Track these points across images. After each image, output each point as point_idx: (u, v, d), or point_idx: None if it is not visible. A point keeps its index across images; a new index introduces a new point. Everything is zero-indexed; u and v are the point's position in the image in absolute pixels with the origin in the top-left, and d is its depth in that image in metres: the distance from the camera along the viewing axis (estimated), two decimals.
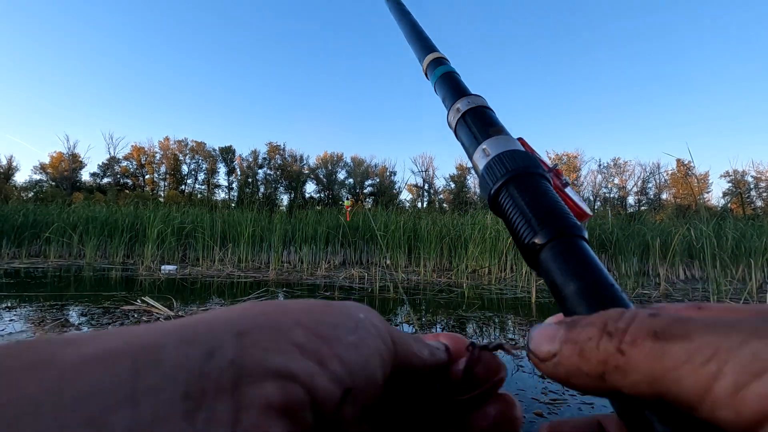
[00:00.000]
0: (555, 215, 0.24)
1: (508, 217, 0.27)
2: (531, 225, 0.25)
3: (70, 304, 3.15)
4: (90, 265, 6.97)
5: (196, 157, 39.64)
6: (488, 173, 0.29)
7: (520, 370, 1.79)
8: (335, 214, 9.30)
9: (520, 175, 0.27)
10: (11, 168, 35.23)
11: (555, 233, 0.24)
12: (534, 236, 0.24)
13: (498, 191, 0.28)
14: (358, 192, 39.80)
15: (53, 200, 14.00)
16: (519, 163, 0.28)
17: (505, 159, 0.29)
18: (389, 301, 3.82)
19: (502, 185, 0.28)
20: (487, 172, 0.29)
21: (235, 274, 5.95)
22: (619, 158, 36.35)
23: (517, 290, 4.86)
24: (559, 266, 0.23)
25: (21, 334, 2.18)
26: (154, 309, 2.88)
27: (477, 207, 11.15)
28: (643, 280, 6.26)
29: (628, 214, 14.88)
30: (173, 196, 34.12)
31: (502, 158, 0.29)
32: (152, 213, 8.28)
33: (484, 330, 2.64)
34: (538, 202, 0.25)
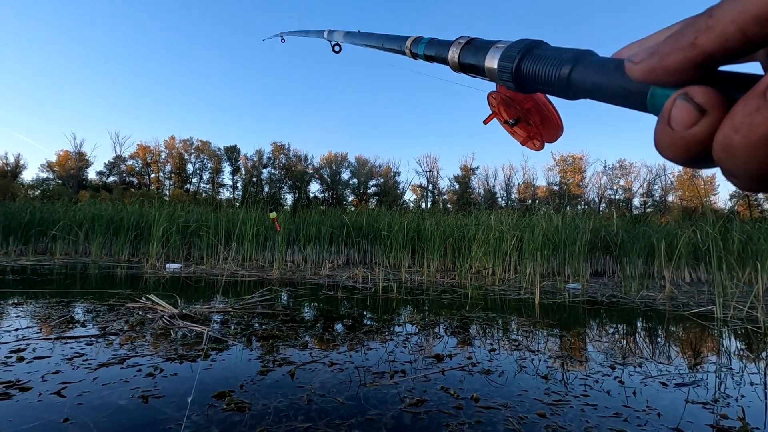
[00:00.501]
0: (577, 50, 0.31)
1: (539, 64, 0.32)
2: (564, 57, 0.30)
3: (76, 301, 3.17)
4: (95, 263, 7.02)
5: (201, 156, 39.82)
6: (511, 48, 0.35)
7: (523, 371, 1.78)
8: (339, 213, 9.30)
9: (537, 42, 0.34)
10: (19, 166, 35.55)
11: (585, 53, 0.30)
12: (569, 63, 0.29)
13: (523, 56, 0.33)
14: (362, 192, 39.81)
15: (60, 198, 14.12)
16: (532, 40, 0.35)
17: (520, 41, 0.35)
18: (392, 301, 3.82)
19: (526, 52, 0.33)
20: (509, 49, 0.35)
21: (239, 273, 5.97)
22: (625, 160, 36.12)
23: (520, 291, 4.84)
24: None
25: (27, 329, 2.20)
26: (159, 306, 2.90)
27: (481, 208, 11.12)
28: (648, 282, 6.22)
29: (633, 216, 14.79)
30: (178, 194, 34.27)
31: (518, 41, 0.35)
32: (157, 211, 8.32)
33: (487, 331, 2.63)
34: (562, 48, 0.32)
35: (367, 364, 1.78)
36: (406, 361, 1.86)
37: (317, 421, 1.21)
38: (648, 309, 3.81)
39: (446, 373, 1.70)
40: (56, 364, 1.64)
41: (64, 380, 1.46)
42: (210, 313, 2.89)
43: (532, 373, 1.75)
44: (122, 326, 2.35)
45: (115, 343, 1.98)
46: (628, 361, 2.00)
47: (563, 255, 6.98)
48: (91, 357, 1.75)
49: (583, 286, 5.59)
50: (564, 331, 2.73)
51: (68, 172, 35.68)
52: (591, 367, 1.87)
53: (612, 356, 2.08)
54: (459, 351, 2.07)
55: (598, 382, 1.65)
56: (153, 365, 1.65)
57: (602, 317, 3.36)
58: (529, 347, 2.20)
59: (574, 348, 2.27)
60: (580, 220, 7.42)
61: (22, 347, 1.85)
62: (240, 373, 1.61)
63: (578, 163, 35.85)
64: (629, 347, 2.33)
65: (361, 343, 2.15)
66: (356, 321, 2.81)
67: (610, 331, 2.80)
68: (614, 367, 1.87)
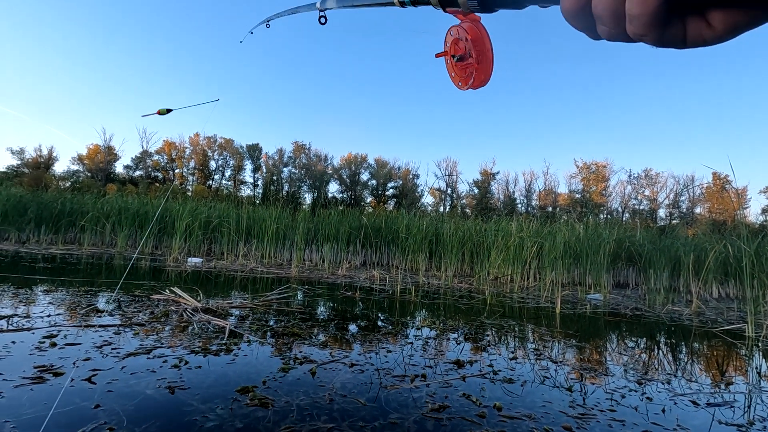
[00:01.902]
0: None
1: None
2: None
3: (103, 291, 3.26)
4: (121, 254, 7.22)
5: (224, 153, 40.56)
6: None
7: (546, 381, 1.74)
8: (357, 214, 9.33)
9: None
10: (51, 158, 36.89)
11: None
12: None
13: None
14: (380, 193, 39.85)
15: (89, 190, 14.58)
16: None
17: None
18: (410, 304, 3.80)
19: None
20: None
21: (258, 270, 6.05)
22: (651, 169, 35.11)
23: (540, 300, 4.75)
24: None
25: (58, 316, 2.27)
26: (182, 299, 2.96)
27: (501, 213, 10.98)
28: (674, 296, 6.03)
29: (658, 227, 14.37)
30: (200, 190, 34.99)
31: None
32: (181, 206, 8.50)
33: (506, 339, 2.59)
34: None
35: (386, 367, 1.78)
36: (425, 365, 1.84)
37: (340, 422, 1.21)
38: (674, 324, 3.69)
39: (467, 379, 1.68)
40: (86, 351, 1.69)
41: (94, 367, 1.50)
42: (231, 308, 2.93)
43: (555, 384, 1.72)
44: (147, 317, 2.41)
45: (141, 333, 2.03)
46: (654, 377, 1.94)
47: (585, 265, 6.83)
48: (118, 346, 1.79)
49: (605, 298, 5.45)
50: (586, 342, 2.67)
51: (97, 166, 36.85)
52: (616, 381, 1.82)
53: (637, 371, 2.02)
54: (479, 358, 2.05)
55: (624, 397, 1.61)
56: (178, 357, 1.69)
57: (626, 330, 3.27)
58: (551, 357, 2.16)
59: (598, 360, 2.21)
60: (603, 230, 7.25)
61: (54, 333, 1.91)
62: (262, 369, 1.62)
63: (602, 171, 35.05)
64: (655, 362, 2.26)
65: (380, 345, 2.15)
66: (374, 322, 2.81)
67: (635, 345, 2.72)
68: (641, 383, 1.81)
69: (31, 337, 1.83)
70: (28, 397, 1.23)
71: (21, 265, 4.65)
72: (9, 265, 4.60)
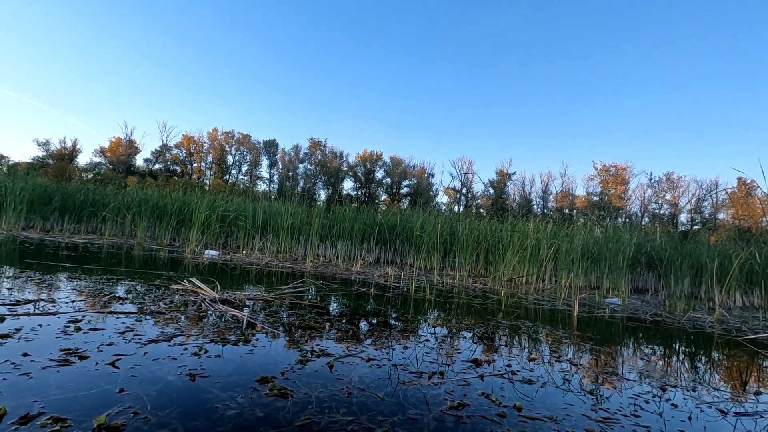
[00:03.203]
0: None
1: None
2: None
3: (123, 279, 3.33)
4: (140, 245, 7.37)
5: (241, 148, 41.06)
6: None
7: (566, 383, 1.71)
8: (372, 212, 9.33)
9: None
10: (75, 150, 37.88)
11: None
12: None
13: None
14: (395, 191, 39.82)
15: (110, 182, 14.93)
16: None
17: None
18: (425, 302, 3.78)
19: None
20: None
21: (273, 264, 6.10)
22: (673, 173, 34.29)
23: (556, 302, 4.68)
24: None
25: (82, 302, 2.32)
26: (201, 290, 3.00)
27: (516, 215, 10.87)
28: (695, 304, 5.87)
29: (680, 232, 14.02)
30: (217, 185, 35.50)
31: None
32: (199, 199, 8.64)
33: (524, 340, 2.56)
34: None
35: (404, 363, 1.77)
36: (443, 363, 1.83)
37: (359, 416, 1.20)
38: (696, 331, 3.59)
39: (486, 379, 1.66)
40: (110, 336, 1.72)
41: (117, 352, 1.53)
42: (248, 300, 2.96)
43: (576, 387, 1.68)
44: (167, 306, 2.45)
45: (161, 321, 2.06)
46: (678, 384, 1.88)
47: (603, 268, 6.70)
48: (141, 333, 1.82)
49: (624, 302, 5.34)
50: (605, 346, 2.61)
51: (118, 158, 37.71)
52: (638, 387, 1.77)
53: (660, 377, 1.97)
54: (496, 357, 2.02)
55: (648, 403, 1.56)
56: (198, 345, 1.71)
57: (646, 336, 3.20)
58: (571, 360, 2.12)
59: (618, 365, 2.16)
60: (623, 233, 7.09)
61: (78, 318, 1.95)
62: (280, 361, 1.63)
63: (621, 174, 34.36)
64: (678, 369, 2.20)
65: (396, 341, 2.14)
66: (389, 319, 2.80)
67: (656, 351, 2.66)
68: (665, 389, 1.77)
69: (56, 321, 1.88)
70: (55, 378, 1.26)
71: (45, 253, 4.78)
72: (34, 253, 4.73)
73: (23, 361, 1.36)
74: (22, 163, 35.31)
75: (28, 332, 1.67)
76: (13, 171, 25.65)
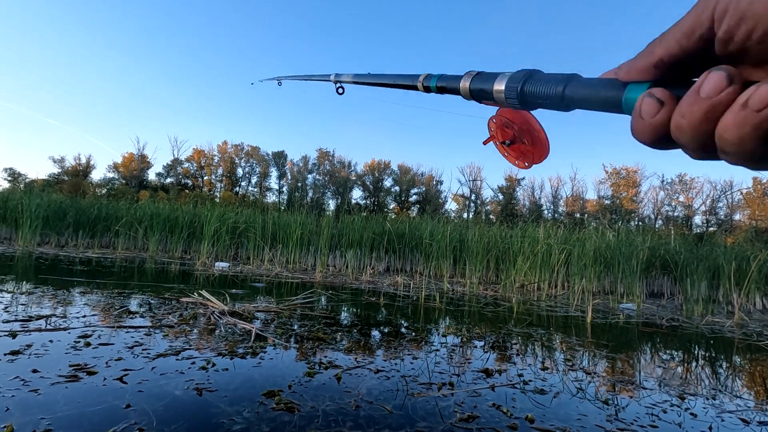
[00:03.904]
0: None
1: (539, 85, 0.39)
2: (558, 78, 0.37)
3: (135, 293, 3.36)
4: (152, 258, 7.45)
5: (250, 160, 41.53)
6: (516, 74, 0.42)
7: (580, 393, 1.67)
8: (381, 220, 9.32)
9: (536, 70, 0.41)
10: (89, 166, 38.70)
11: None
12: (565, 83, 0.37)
13: (526, 79, 0.40)
14: (403, 200, 39.83)
15: (123, 197, 15.17)
16: (531, 69, 0.42)
17: (522, 70, 0.42)
18: (435, 311, 3.75)
19: (528, 76, 0.40)
20: (514, 75, 0.42)
21: (283, 275, 6.11)
22: (686, 175, 33.73)
23: (569, 308, 4.60)
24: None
25: (93, 317, 2.34)
26: (210, 303, 3.01)
27: (527, 220, 10.74)
28: (713, 307, 5.73)
29: (696, 234, 13.72)
30: (228, 197, 35.87)
31: (520, 70, 0.42)
32: (210, 212, 8.72)
33: (536, 348, 2.51)
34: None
35: (413, 374, 1.74)
36: (452, 373, 1.80)
37: (366, 429, 1.18)
38: (714, 336, 3.49)
39: (496, 389, 1.63)
40: (118, 351, 1.73)
41: (125, 367, 1.53)
42: (257, 312, 2.96)
43: (591, 396, 1.64)
44: (176, 319, 2.45)
45: (170, 335, 2.07)
46: (697, 392, 1.82)
47: (617, 273, 6.58)
48: (149, 347, 1.83)
49: (639, 307, 5.23)
50: (621, 353, 2.55)
51: (131, 173, 38.39)
52: (655, 396, 1.72)
53: (678, 385, 1.91)
54: (508, 367, 1.98)
55: (666, 413, 1.51)
56: (205, 359, 1.70)
57: (662, 342, 3.12)
58: (584, 368, 2.07)
59: (634, 373, 2.10)
60: (636, 236, 6.97)
61: (88, 333, 1.97)
62: (287, 373, 1.61)
63: (632, 176, 33.93)
64: (696, 376, 2.13)
65: (406, 352, 2.11)
66: (399, 329, 2.78)
67: (673, 357, 2.59)
68: (683, 398, 1.71)
69: (67, 336, 1.89)
70: (63, 394, 1.26)
71: (60, 268, 4.86)
72: (49, 268, 4.81)
73: (32, 377, 1.37)
74: (39, 180, 36.16)
75: (38, 348, 1.68)
76: (29, 188, 26.28)
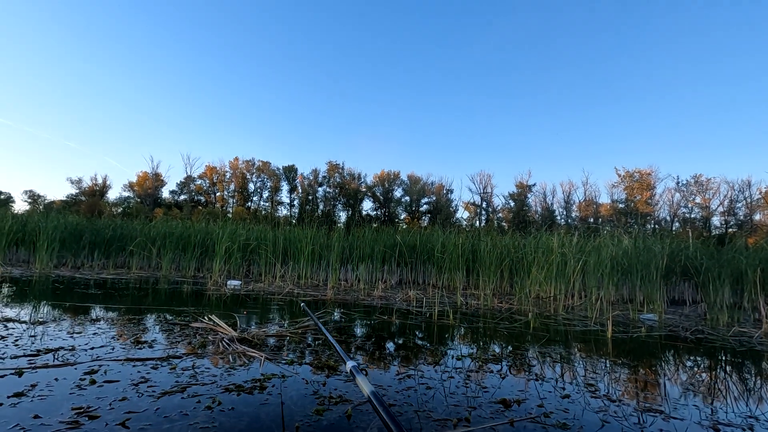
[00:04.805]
0: None
1: None
2: None
3: (146, 320, 3.34)
4: (165, 278, 7.48)
5: (261, 175, 41.97)
6: None
7: (606, 426, 1.57)
8: (392, 233, 9.26)
9: None
10: (105, 186, 39.54)
11: None
12: None
13: None
14: (414, 209, 39.72)
15: (138, 215, 15.41)
16: None
17: None
18: (448, 328, 3.65)
19: None
20: None
21: (295, 292, 6.07)
22: (701, 175, 33.02)
23: (588, 322, 4.45)
24: None
25: (102, 348, 2.32)
26: (219, 328, 2.97)
27: (539, 227, 10.57)
28: (739, 315, 5.51)
29: (715, 236, 13.34)
30: (240, 212, 36.23)
31: None
32: (221, 230, 8.77)
33: (556, 370, 2.40)
34: None
35: (426, 407, 1.66)
36: (468, 405, 1.71)
37: None
38: (743, 349, 3.32)
39: (515, 424, 1.54)
40: (123, 390, 1.69)
41: (129, 409, 1.49)
42: (267, 337, 2.91)
43: (617, 429, 1.54)
44: (185, 349, 2.42)
45: (177, 368, 2.03)
46: (732, 421, 1.71)
47: (635, 281, 6.40)
48: (155, 383, 1.78)
49: (661, 317, 5.06)
50: (645, 373, 2.43)
51: (146, 192, 39.09)
52: (687, 424, 1.61)
53: (712, 412, 1.79)
54: (527, 396, 1.89)
55: None
56: (211, 396, 1.65)
57: (688, 357, 2.97)
58: (609, 395, 1.96)
59: (662, 397, 1.99)
60: (654, 243, 6.77)
61: (95, 368, 1.94)
62: (295, 411, 1.55)
63: (646, 179, 33.34)
64: (728, 400, 2.01)
65: (419, 379, 2.03)
66: (412, 351, 2.70)
67: (702, 377, 2.45)
68: (717, 429, 1.60)
69: (73, 373, 1.86)
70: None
71: (74, 292, 4.89)
72: (63, 292, 4.84)
73: (33, 424, 1.33)
74: (57, 201, 37.06)
75: (43, 388, 1.65)
76: (48, 209, 26.88)
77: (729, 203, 32.21)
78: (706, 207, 32.81)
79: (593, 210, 34.90)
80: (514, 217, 35.48)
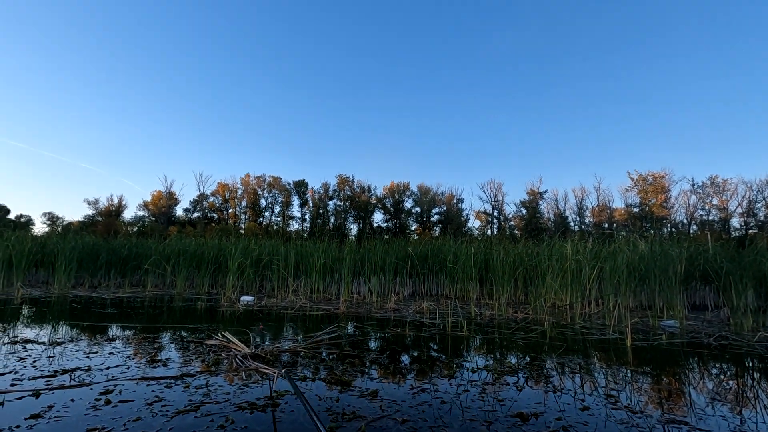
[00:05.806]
0: None
1: None
2: None
3: (161, 338, 3.37)
4: (180, 295, 7.55)
5: (272, 191, 42.41)
6: None
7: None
8: (403, 244, 9.23)
9: None
10: (121, 206, 40.33)
11: None
12: None
13: None
14: (425, 220, 39.62)
15: (152, 234, 15.67)
16: None
17: None
18: (462, 340, 3.60)
19: None
20: None
21: (307, 306, 6.06)
22: (717, 176, 32.31)
23: (606, 330, 4.35)
24: None
25: (117, 368, 2.33)
26: (233, 345, 2.97)
27: (553, 234, 10.44)
28: (763, 319, 5.33)
29: (735, 238, 12.99)
30: (252, 227, 36.55)
31: None
32: (234, 246, 8.84)
33: (574, 381, 2.34)
34: None
35: (442, 423, 1.63)
36: (484, 420, 1.68)
37: None
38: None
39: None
40: (137, 410, 1.69)
41: (143, 429, 1.49)
42: (280, 352, 2.90)
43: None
44: (199, 367, 2.42)
45: (191, 386, 2.03)
46: (763, 431, 1.63)
47: (654, 286, 6.24)
48: (169, 402, 1.78)
49: (682, 324, 4.91)
50: (667, 383, 2.35)
51: (160, 210, 39.75)
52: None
53: (741, 422, 1.72)
54: (545, 408, 1.84)
55: None
56: (225, 415, 1.64)
57: (713, 365, 2.88)
58: (630, 406, 1.90)
59: (687, 407, 1.92)
60: (671, 247, 6.62)
61: (110, 388, 1.95)
62: (309, 429, 1.54)
63: (660, 182, 32.76)
64: (760, 408, 1.93)
65: (434, 394, 2.00)
66: (426, 365, 2.66)
67: (728, 386, 2.36)
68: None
69: (89, 393, 1.88)
70: None
71: (91, 311, 4.96)
72: (81, 311, 4.92)
73: None
74: (75, 223, 37.89)
75: (59, 409, 1.66)
76: (66, 230, 27.52)
77: (748, 204, 31.41)
78: (724, 208, 32.05)
79: (607, 215, 34.37)
80: (526, 224, 35.11)
